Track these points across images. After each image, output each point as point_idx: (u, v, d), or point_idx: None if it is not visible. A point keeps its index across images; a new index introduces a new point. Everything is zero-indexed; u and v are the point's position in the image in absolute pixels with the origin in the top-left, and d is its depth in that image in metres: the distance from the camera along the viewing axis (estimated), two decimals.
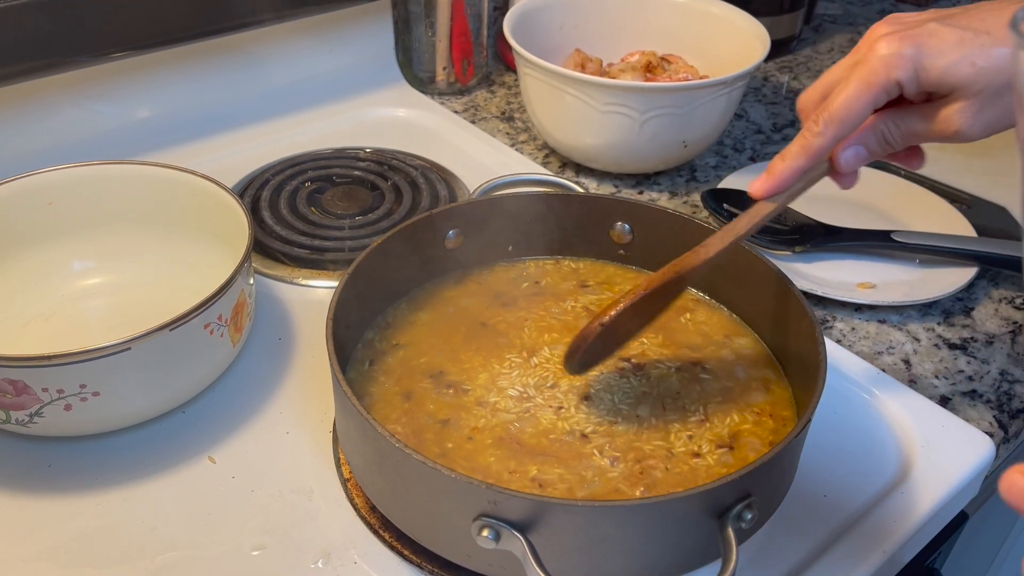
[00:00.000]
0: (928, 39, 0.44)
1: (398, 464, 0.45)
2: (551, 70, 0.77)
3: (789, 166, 0.48)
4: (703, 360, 0.58)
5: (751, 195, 0.50)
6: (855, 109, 0.45)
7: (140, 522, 0.52)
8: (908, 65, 0.43)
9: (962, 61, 0.43)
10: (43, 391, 0.51)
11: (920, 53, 0.43)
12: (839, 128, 0.46)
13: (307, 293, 0.70)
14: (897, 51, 0.43)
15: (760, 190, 0.49)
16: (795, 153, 0.47)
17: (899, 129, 0.47)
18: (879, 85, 0.44)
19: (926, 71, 0.43)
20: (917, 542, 0.55)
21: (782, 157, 0.48)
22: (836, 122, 0.45)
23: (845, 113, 0.45)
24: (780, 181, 0.48)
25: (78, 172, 0.65)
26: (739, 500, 0.44)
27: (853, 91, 0.45)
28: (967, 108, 0.44)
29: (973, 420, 0.61)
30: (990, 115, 0.44)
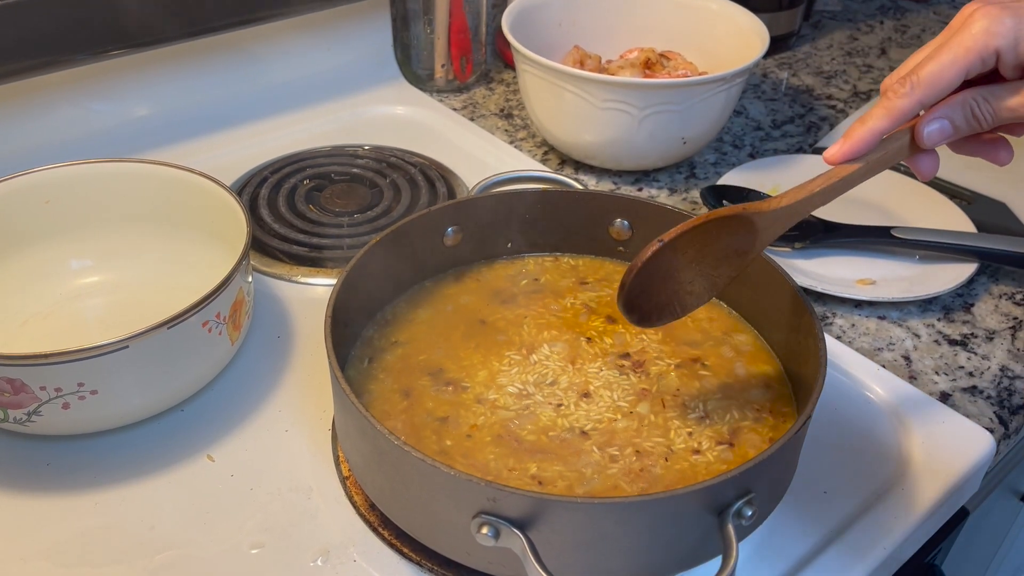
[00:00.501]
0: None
1: (397, 462, 0.45)
2: (549, 67, 0.77)
3: (869, 128, 0.45)
4: (703, 357, 0.58)
5: (826, 161, 0.47)
6: (946, 75, 0.43)
7: (139, 521, 0.52)
8: (1009, 34, 0.42)
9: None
10: (41, 390, 0.51)
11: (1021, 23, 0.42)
12: (926, 91, 0.43)
13: (306, 291, 0.69)
14: (998, 19, 0.42)
15: (836, 155, 0.46)
16: (877, 115, 0.45)
17: (989, 105, 0.44)
18: (976, 52, 0.43)
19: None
20: (917, 539, 0.55)
21: (862, 121, 0.46)
22: (924, 85, 0.43)
23: (935, 77, 0.43)
24: (857, 144, 0.45)
25: (76, 170, 0.65)
26: (739, 497, 0.44)
27: (947, 56, 0.43)
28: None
29: (973, 416, 0.61)
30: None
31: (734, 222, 0.48)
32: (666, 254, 0.48)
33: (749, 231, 0.48)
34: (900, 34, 1.19)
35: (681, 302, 0.50)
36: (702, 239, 0.48)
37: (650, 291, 0.49)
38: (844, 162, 0.46)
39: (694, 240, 0.48)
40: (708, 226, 0.48)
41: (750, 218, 0.48)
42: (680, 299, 0.50)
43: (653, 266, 0.48)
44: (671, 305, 0.50)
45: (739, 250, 0.49)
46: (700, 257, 0.48)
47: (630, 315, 0.50)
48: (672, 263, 0.48)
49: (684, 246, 0.48)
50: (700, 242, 0.48)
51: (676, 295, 0.50)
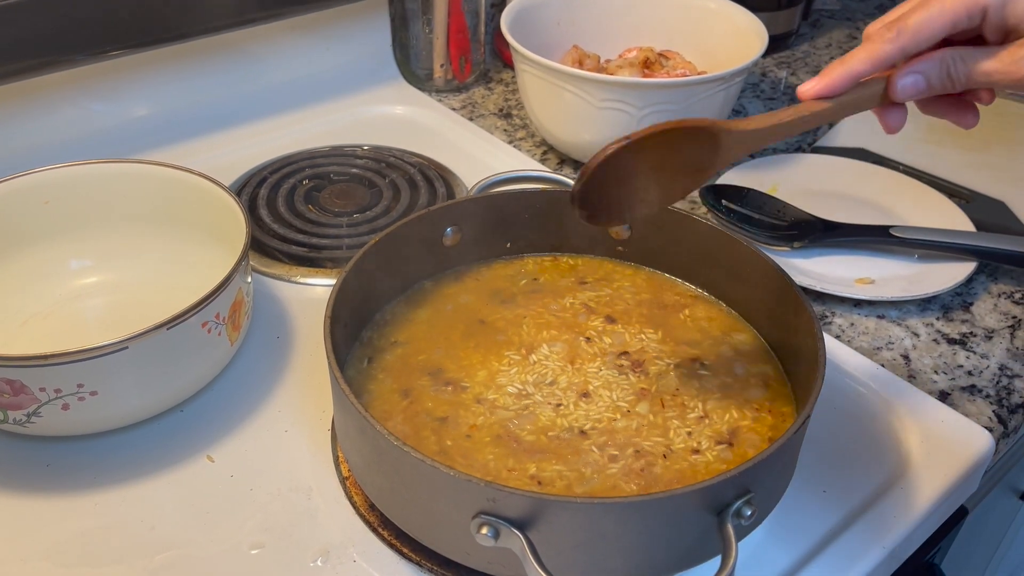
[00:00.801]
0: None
1: (396, 462, 0.45)
2: (548, 66, 0.77)
3: (848, 68, 0.45)
4: (702, 356, 0.58)
5: (799, 96, 0.48)
6: (933, 24, 0.43)
7: (139, 521, 0.52)
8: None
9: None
10: (40, 391, 0.51)
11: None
12: (911, 39, 0.44)
13: (305, 291, 0.69)
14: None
15: (810, 90, 0.46)
16: (859, 57, 0.45)
17: (965, 65, 0.45)
18: (964, 6, 0.43)
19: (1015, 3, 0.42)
20: (917, 537, 0.55)
21: (841, 61, 0.46)
22: (910, 32, 0.44)
23: (922, 26, 0.43)
24: (835, 82, 0.46)
25: (75, 171, 0.65)
26: (738, 496, 0.44)
27: (936, 7, 0.43)
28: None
29: (972, 415, 0.61)
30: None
31: (701, 133, 0.48)
32: (629, 154, 0.47)
33: (712, 146, 0.48)
34: None
35: (632, 207, 0.51)
36: (666, 146, 0.48)
37: (605, 190, 0.49)
38: (817, 99, 0.47)
39: (659, 145, 0.48)
40: (675, 134, 0.47)
41: (716, 132, 0.48)
42: (632, 203, 0.50)
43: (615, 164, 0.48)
44: (621, 208, 0.50)
45: (699, 165, 0.49)
46: (660, 165, 0.49)
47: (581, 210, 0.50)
48: (633, 165, 0.48)
49: (648, 149, 0.48)
50: (663, 149, 0.48)
51: (629, 199, 0.50)
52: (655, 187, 0.50)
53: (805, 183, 0.81)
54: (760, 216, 0.75)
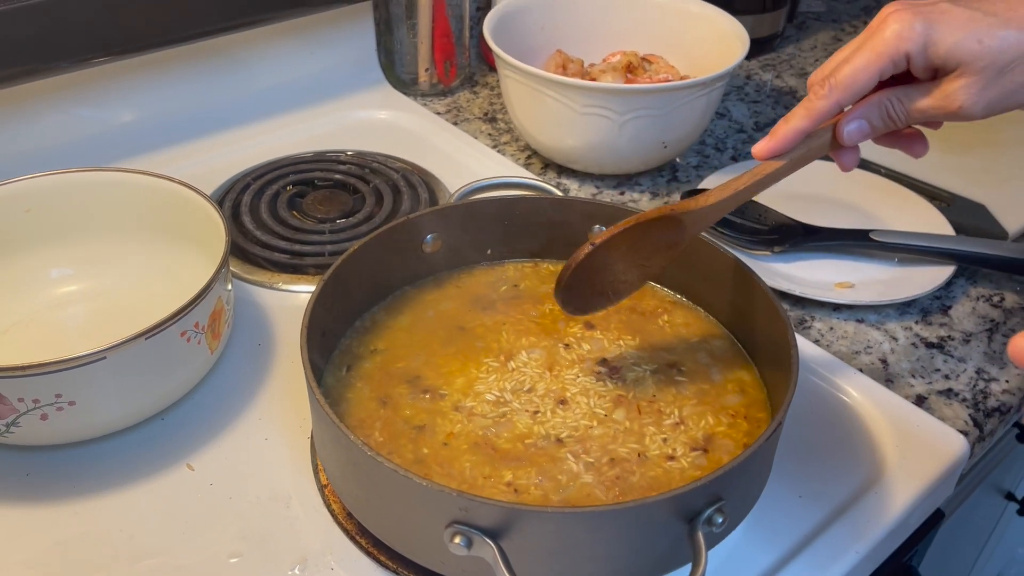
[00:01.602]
0: (939, 16, 0.45)
1: (371, 472, 0.45)
2: (530, 72, 0.78)
3: (792, 127, 0.48)
4: (679, 362, 0.59)
5: (753, 155, 0.50)
6: (862, 76, 0.46)
7: (118, 530, 0.52)
8: (919, 39, 0.45)
9: (969, 38, 0.45)
10: (19, 401, 0.51)
11: (930, 28, 0.45)
12: (843, 93, 0.46)
13: (287, 298, 0.70)
14: (909, 25, 0.45)
15: (762, 150, 0.50)
16: (799, 115, 0.48)
17: (903, 104, 0.47)
18: (888, 55, 0.45)
19: (935, 45, 0.45)
20: (892, 541, 0.56)
21: (785, 120, 0.49)
22: (841, 87, 0.46)
23: (851, 79, 0.46)
24: (782, 142, 0.49)
25: (56, 179, 0.65)
26: (709, 504, 0.44)
27: (862, 59, 0.46)
28: (972, 85, 0.45)
29: (949, 419, 0.62)
30: (993, 93, 0.46)
31: (663, 222, 0.51)
32: (599, 253, 0.51)
33: (678, 228, 0.51)
34: None
35: (615, 290, 0.54)
36: (633, 237, 0.51)
37: (585, 285, 0.52)
38: (770, 158, 0.50)
39: (625, 239, 0.51)
40: (638, 227, 0.50)
41: (678, 218, 0.51)
42: (614, 288, 0.54)
43: (587, 264, 0.51)
44: (606, 294, 0.54)
45: (669, 243, 0.52)
46: (633, 251, 0.51)
47: (567, 308, 0.54)
48: (605, 259, 0.51)
49: (616, 245, 0.51)
50: (631, 239, 0.51)
51: (611, 285, 0.53)
52: (633, 268, 0.53)
53: (786, 187, 0.80)
54: (741, 220, 0.76)
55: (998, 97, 0.46)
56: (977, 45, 0.45)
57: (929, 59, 0.46)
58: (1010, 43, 0.45)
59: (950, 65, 0.46)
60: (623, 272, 0.52)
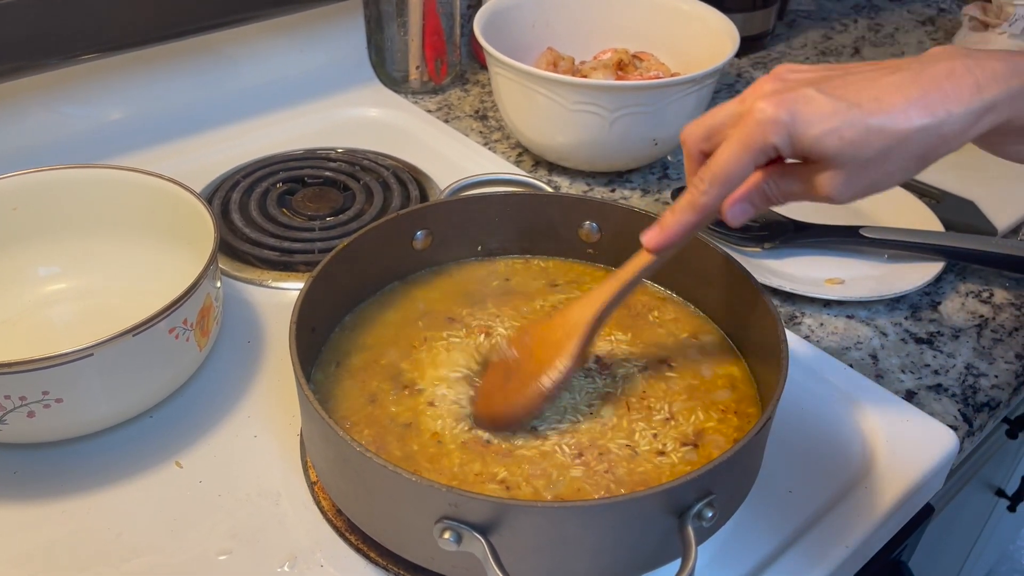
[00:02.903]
0: (803, 107, 0.45)
1: (359, 468, 0.45)
2: (521, 69, 0.78)
3: (679, 220, 0.49)
4: (669, 358, 0.59)
5: (645, 246, 0.52)
6: (735, 170, 0.47)
7: (106, 529, 0.52)
8: (783, 131, 0.45)
9: (832, 133, 0.44)
10: (5, 399, 0.50)
11: (794, 120, 0.45)
12: (722, 188, 0.47)
13: (277, 295, 0.69)
14: (773, 117, 0.45)
15: (654, 242, 0.51)
16: (683, 209, 0.49)
17: (779, 189, 0.48)
18: (756, 147, 0.46)
19: (799, 138, 0.45)
20: (881, 536, 0.56)
21: (672, 211, 0.50)
22: (719, 182, 0.47)
23: (726, 173, 0.47)
24: (672, 235, 0.50)
25: (44, 176, 0.65)
26: (699, 499, 0.44)
27: (733, 153, 0.46)
28: (836, 176, 0.45)
29: (938, 414, 0.62)
30: (858, 184, 0.46)
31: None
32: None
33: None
34: (874, 33, 1.20)
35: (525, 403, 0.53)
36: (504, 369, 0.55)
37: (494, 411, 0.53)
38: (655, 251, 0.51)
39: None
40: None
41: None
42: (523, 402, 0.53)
43: None
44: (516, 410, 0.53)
45: None
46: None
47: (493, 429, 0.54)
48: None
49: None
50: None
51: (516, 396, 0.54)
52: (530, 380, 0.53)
53: None
54: None
55: (865, 186, 0.46)
56: (839, 140, 0.44)
57: (795, 149, 0.46)
58: (872, 138, 0.43)
59: (814, 156, 0.45)
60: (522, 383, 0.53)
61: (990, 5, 1.07)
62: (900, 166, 0.45)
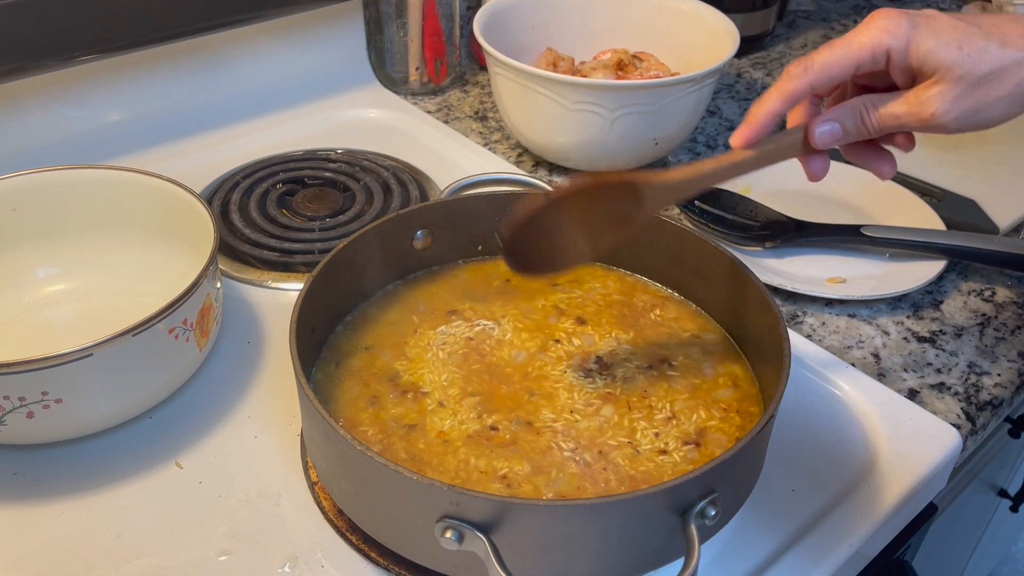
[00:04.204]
0: (925, 20, 0.46)
1: (361, 467, 0.45)
2: (521, 69, 0.77)
3: (764, 110, 0.48)
4: (671, 357, 0.58)
5: (732, 144, 0.50)
6: (839, 63, 0.46)
7: (106, 530, 0.52)
8: (902, 35, 0.45)
9: (950, 43, 0.45)
10: (4, 399, 0.50)
11: (915, 28, 0.45)
12: (817, 75, 0.46)
13: (277, 296, 0.69)
14: (895, 21, 0.45)
15: (739, 138, 0.49)
16: (771, 97, 0.48)
17: (876, 110, 0.47)
18: (868, 47, 0.46)
19: (917, 45, 0.45)
20: (884, 535, 0.56)
21: (758, 103, 0.49)
22: (816, 70, 0.46)
23: (828, 64, 0.46)
24: (756, 127, 0.48)
25: (43, 177, 0.64)
26: (702, 497, 0.44)
27: (843, 47, 0.46)
28: (947, 92, 0.45)
29: (941, 413, 0.62)
30: (967, 103, 0.46)
31: (623, 188, 0.49)
32: (552, 211, 0.49)
33: (635, 199, 0.49)
34: None
35: (563, 257, 0.52)
36: (589, 200, 0.49)
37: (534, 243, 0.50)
38: (748, 145, 0.49)
39: (581, 200, 0.49)
40: (597, 189, 0.49)
41: (638, 187, 0.49)
42: (562, 254, 0.51)
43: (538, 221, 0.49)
44: (552, 259, 0.51)
45: (623, 217, 0.50)
46: (585, 218, 0.49)
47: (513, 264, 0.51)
48: (557, 220, 0.49)
49: (571, 205, 0.49)
50: (587, 203, 0.49)
51: (559, 250, 0.51)
52: (582, 239, 0.51)
53: (778, 183, 0.81)
54: (733, 216, 0.76)
55: (971, 108, 0.46)
56: (956, 51, 0.45)
57: (908, 59, 0.46)
58: (990, 54, 0.45)
59: (927, 69, 0.46)
60: (572, 240, 0.50)
61: (990, 5, 1.07)
62: (1009, 92, 0.45)
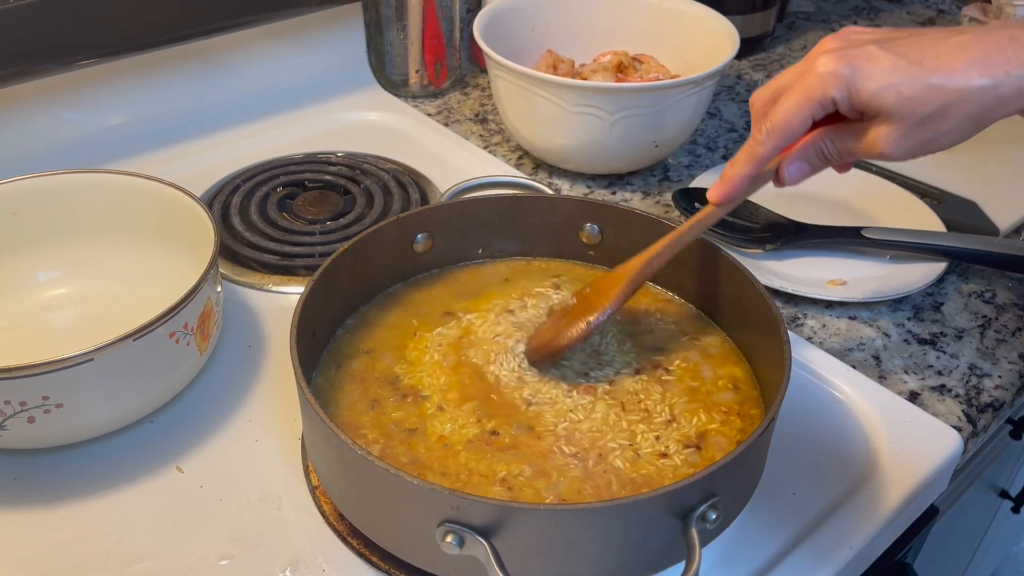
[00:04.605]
0: (864, 62, 0.46)
1: (361, 471, 0.45)
2: (521, 72, 0.77)
3: (738, 172, 0.51)
4: (671, 360, 0.58)
5: (709, 200, 0.53)
6: (795, 121, 0.48)
7: (107, 534, 0.52)
8: (843, 84, 0.46)
9: (890, 88, 0.45)
10: (5, 404, 0.50)
11: (855, 75, 0.46)
12: (780, 138, 0.49)
13: (277, 299, 0.69)
14: (834, 70, 0.46)
15: (717, 195, 0.52)
16: (742, 160, 0.51)
17: (835, 146, 0.50)
18: (816, 100, 0.47)
19: (858, 92, 0.46)
20: (885, 537, 0.56)
21: (731, 164, 0.51)
22: (777, 132, 0.48)
23: (785, 124, 0.48)
24: (734, 188, 0.51)
25: (43, 182, 0.64)
26: (703, 500, 0.44)
27: (793, 104, 0.48)
28: (892, 132, 0.47)
29: (942, 415, 0.62)
30: (913, 141, 0.47)
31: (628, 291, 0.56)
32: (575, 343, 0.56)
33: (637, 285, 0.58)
34: None
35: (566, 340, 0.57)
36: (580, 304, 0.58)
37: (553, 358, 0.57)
38: (719, 203, 0.53)
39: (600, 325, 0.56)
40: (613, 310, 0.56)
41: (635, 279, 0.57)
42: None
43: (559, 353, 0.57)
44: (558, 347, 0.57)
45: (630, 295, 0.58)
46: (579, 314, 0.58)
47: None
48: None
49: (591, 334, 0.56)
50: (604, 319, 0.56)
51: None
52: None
53: None
54: (732, 219, 0.75)
55: (919, 143, 0.47)
56: (896, 96, 0.45)
57: (853, 104, 0.47)
58: (930, 95, 0.45)
59: (872, 112, 0.47)
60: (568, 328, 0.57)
61: (989, 5, 1.07)
62: (956, 125, 0.46)
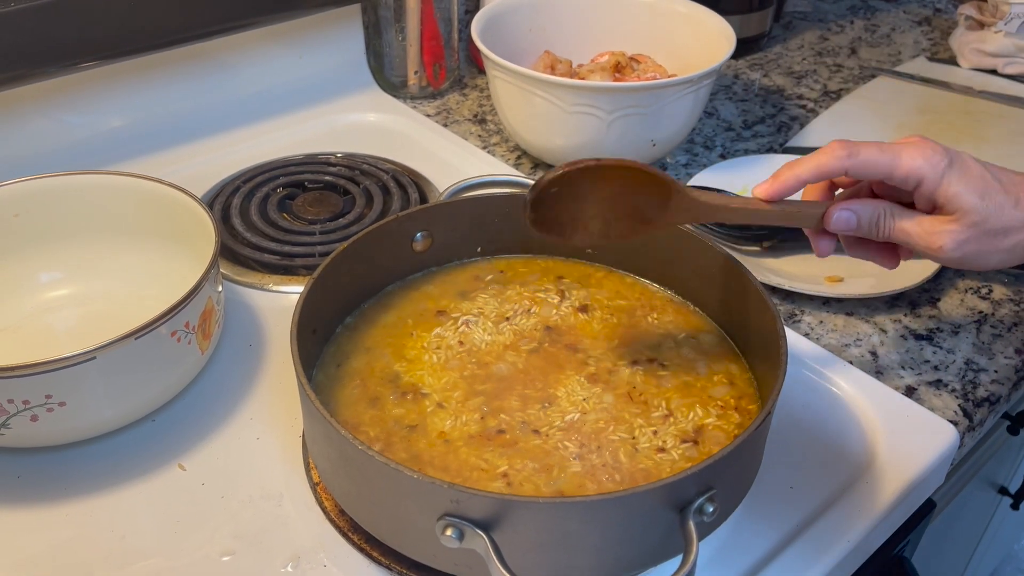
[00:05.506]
0: (960, 162, 0.50)
1: (362, 467, 0.45)
2: (518, 72, 0.78)
3: (795, 174, 0.52)
4: (668, 356, 0.59)
5: (754, 193, 0.53)
6: (878, 167, 0.50)
7: (110, 532, 0.52)
8: (939, 171, 0.49)
9: (975, 191, 0.49)
10: (8, 402, 0.51)
11: (950, 167, 0.50)
12: (857, 167, 0.50)
13: (278, 299, 0.70)
14: (936, 155, 0.50)
15: (764, 191, 0.53)
16: (806, 165, 0.51)
17: (894, 220, 0.52)
18: (907, 168, 0.50)
19: (948, 184, 0.49)
20: (882, 531, 0.56)
21: (790, 166, 0.52)
22: (858, 161, 0.50)
23: (868, 162, 0.50)
24: (783, 186, 0.52)
25: (45, 183, 0.65)
26: (700, 493, 0.44)
27: (887, 155, 0.50)
28: (959, 233, 0.50)
29: (938, 409, 0.62)
30: (972, 247, 0.50)
31: (659, 187, 0.51)
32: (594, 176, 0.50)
33: (663, 201, 0.52)
34: (870, 34, 1.20)
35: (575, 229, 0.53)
36: (625, 183, 0.51)
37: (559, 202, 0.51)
38: (769, 200, 0.53)
39: (619, 179, 0.51)
40: (638, 175, 0.51)
41: (672, 192, 0.51)
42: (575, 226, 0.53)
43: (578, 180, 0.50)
44: (565, 225, 0.52)
45: (644, 215, 0.52)
46: (613, 199, 0.51)
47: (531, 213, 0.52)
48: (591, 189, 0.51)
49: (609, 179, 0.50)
50: (622, 185, 0.51)
51: (576, 220, 0.52)
52: (599, 220, 0.52)
53: None
54: None
55: (974, 253, 0.51)
56: (979, 200, 0.49)
57: (936, 194, 0.50)
58: (1005, 212, 0.50)
59: (949, 208, 0.50)
60: (593, 215, 0.52)
61: (986, 4, 1.08)
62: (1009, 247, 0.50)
